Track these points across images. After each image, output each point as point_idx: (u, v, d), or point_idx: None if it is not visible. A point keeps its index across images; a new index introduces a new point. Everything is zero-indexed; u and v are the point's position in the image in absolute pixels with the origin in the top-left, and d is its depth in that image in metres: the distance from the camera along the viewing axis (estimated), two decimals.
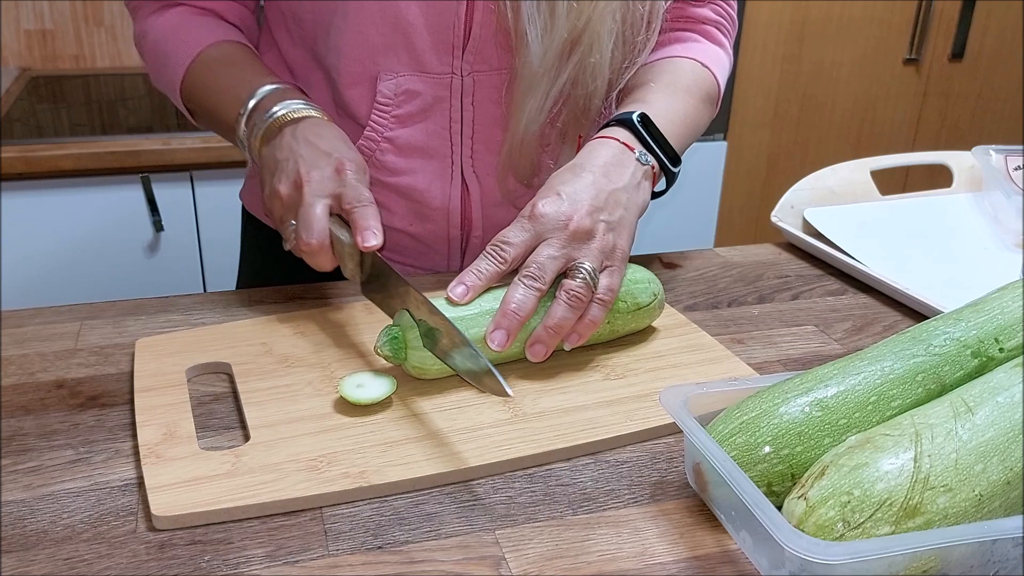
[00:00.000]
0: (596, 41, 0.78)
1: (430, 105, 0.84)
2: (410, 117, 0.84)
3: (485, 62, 0.82)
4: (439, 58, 0.81)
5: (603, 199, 0.70)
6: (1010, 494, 0.49)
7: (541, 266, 0.66)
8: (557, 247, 0.67)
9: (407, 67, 0.82)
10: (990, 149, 1.05)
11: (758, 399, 0.55)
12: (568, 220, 0.68)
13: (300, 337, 0.72)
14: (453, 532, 0.53)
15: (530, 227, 0.68)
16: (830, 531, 0.46)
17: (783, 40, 2.18)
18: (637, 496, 0.57)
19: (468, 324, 0.65)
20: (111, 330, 0.75)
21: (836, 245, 0.92)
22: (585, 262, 0.67)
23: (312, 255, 0.70)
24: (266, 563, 0.50)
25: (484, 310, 0.66)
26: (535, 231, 0.68)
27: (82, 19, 1.95)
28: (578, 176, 0.71)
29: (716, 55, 0.90)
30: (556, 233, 0.68)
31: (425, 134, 0.85)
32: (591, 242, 0.68)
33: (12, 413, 0.63)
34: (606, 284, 0.69)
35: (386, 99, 0.83)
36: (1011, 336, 0.58)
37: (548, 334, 0.66)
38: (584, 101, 0.82)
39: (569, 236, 0.68)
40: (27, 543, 0.51)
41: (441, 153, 0.86)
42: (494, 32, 0.81)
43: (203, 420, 0.63)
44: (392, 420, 0.62)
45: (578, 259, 0.68)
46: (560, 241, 0.67)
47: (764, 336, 0.78)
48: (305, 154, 0.73)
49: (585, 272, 0.67)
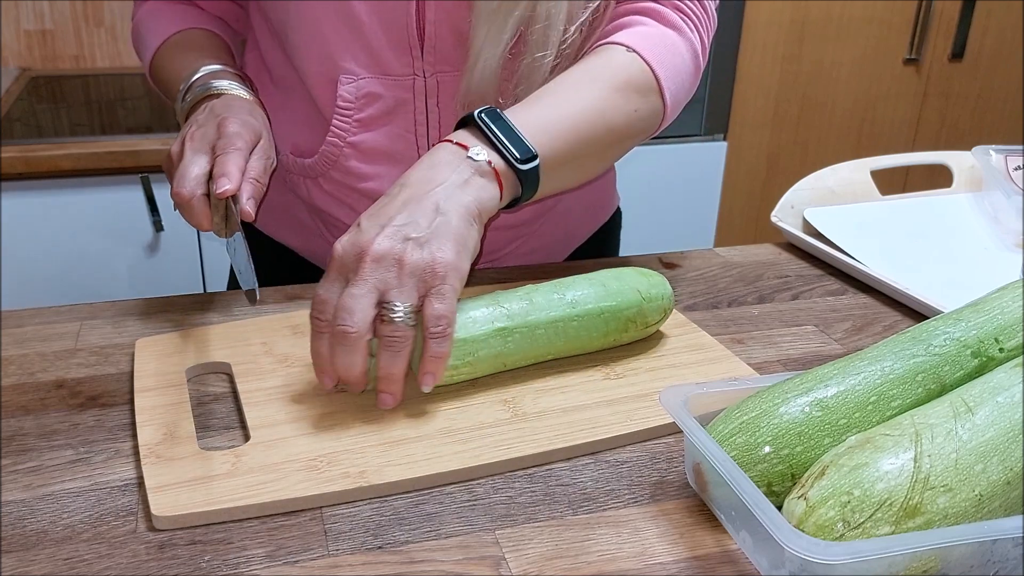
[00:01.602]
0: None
1: (392, 108, 0.82)
2: (373, 121, 0.83)
3: (447, 62, 0.81)
4: (398, 59, 0.80)
5: (408, 213, 0.62)
6: (1010, 494, 0.49)
7: (347, 310, 0.59)
8: (358, 284, 0.59)
9: (366, 69, 0.81)
10: (990, 149, 1.05)
11: (758, 399, 0.55)
12: (365, 248, 0.60)
13: (300, 337, 0.72)
14: (453, 532, 0.53)
15: (334, 274, 0.61)
16: (830, 531, 0.46)
17: (783, 40, 2.18)
18: (637, 496, 0.57)
19: (479, 346, 0.64)
20: (111, 330, 0.75)
21: (836, 245, 0.92)
22: (395, 300, 0.59)
23: (184, 208, 0.71)
24: (266, 563, 0.50)
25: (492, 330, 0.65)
26: (342, 275, 0.61)
27: (82, 19, 1.95)
28: (388, 197, 0.64)
29: (659, 39, 0.79)
30: (356, 264, 0.60)
31: (389, 138, 0.83)
32: (401, 268, 0.60)
33: (12, 413, 0.63)
34: (434, 313, 0.60)
35: (347, 103, 0.82)
36: (1011, 336, 0.58)
37: (384, 385, 0.61)
38: (541, 39, 0.76)
39: (369, 266, 0.59)
40: (27, 543, 0.51)
41: (407, 157, 0.84)
42: (453, 31, 0.79)
43: (203, 420, 0.63)
44: (392, 420, 0.62)
45: (387, 298, 0.60)
46: (360, 277, 0.59)
47: (764, 336, 0.78)
48: (201, 119, 0.75)
49: (396, 311, 0.59)
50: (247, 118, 0.75)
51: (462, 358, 0.64)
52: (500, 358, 0.66)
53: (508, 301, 0.66)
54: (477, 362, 0.65)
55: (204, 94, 0.79)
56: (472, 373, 0.65)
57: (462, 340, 0.63)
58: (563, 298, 0.68)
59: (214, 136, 0.73)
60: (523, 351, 0.66)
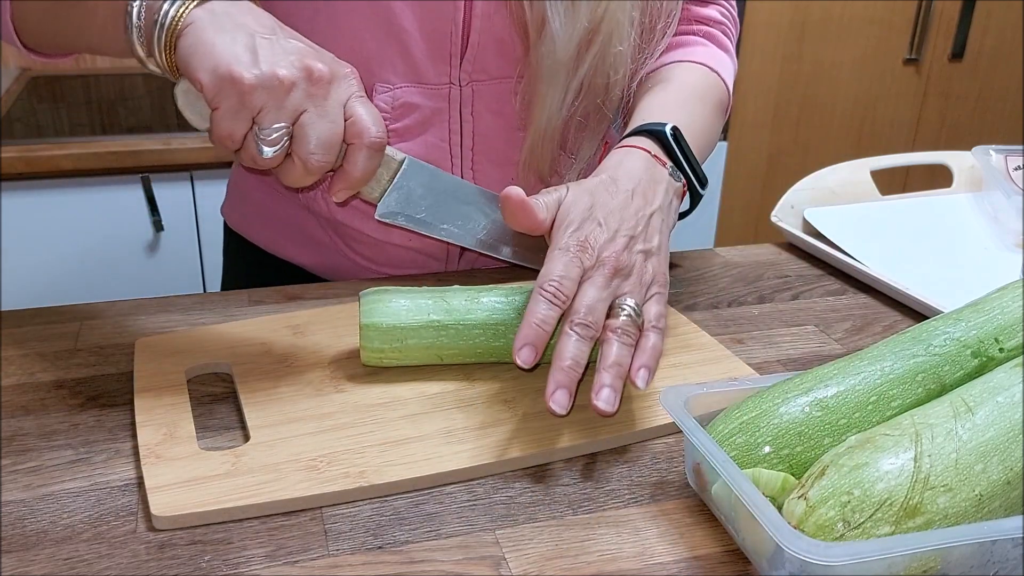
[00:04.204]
0: (616, 29, 0.75)
1: (428, 118, 0.81)
2: (408, 131, 0.82)
3: (484, 71, 0.80)
4: (435, 67, 0.79)
5: (641, 226, 0.67)
6: (1010, 494, 0.49)
7: (591, 310, 0.61)
8: (601, 286, 0.62)
9: (403, 78, 0.79)
10: (990, 149, 1.05)
11: (758, 399, 0.55)
12: (610, 256, 0.63)
13: (300, 337, 0.72)
14: (453, 532, 0.53)
15: (578, 261, 0.62)
16: (830, 531, 0.46)
17: (783, 40, 2.18)
18: (637, 496, 0.57)
19: (408, 335, 0.65)
20: (111, 330, 0.75)
21: (836, 245, 0.92)
22: (628, 299, 0.63)
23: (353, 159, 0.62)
24: (266, 563, 0.50)
25: (426, 322, 0.66)
26: (583, 265, 0.63)
27: None
28: (613, 196, 0.67)
29: (723, 60, 0.87)
30: (599, 270, 0.63)
31: (425, 147, 0.82)
32: (631, 276, 0.64)
33: (12, 413, 0.63)
34: (655, 312, 0.65)
35: (383, 113, 0.80)
36: (1011, 336, 0.58)
37: (612, 375, 0.59)
38: (604, 92, 0.80)
39: (611, 273, 0.63)
40: (27, 543, 0.51)
41: (441, 166, 0.83)
42: (495, 39, 0.79)
43: (203, 420, 0.63)
44: (392, 420, 0.62)
45: (621, 297, 0.63)
46: (603, 280, 0.63)
47: (764, 336, 0.78)
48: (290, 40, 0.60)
49: (629, 309, 0.62)
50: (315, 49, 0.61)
51: (390, 343, 0.65)
52: (434, 350, 0.66)
53: (455, 297, 0.67)
54: (406, 350, 0.66)
55: (186, 7, 0.59)
56: (401, 360, 0.66)
57: (394, 326, 0.65)
58: (511, 302, 0.67)
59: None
60: (459, 347, 0.67)
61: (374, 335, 0.65)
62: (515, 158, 0.85)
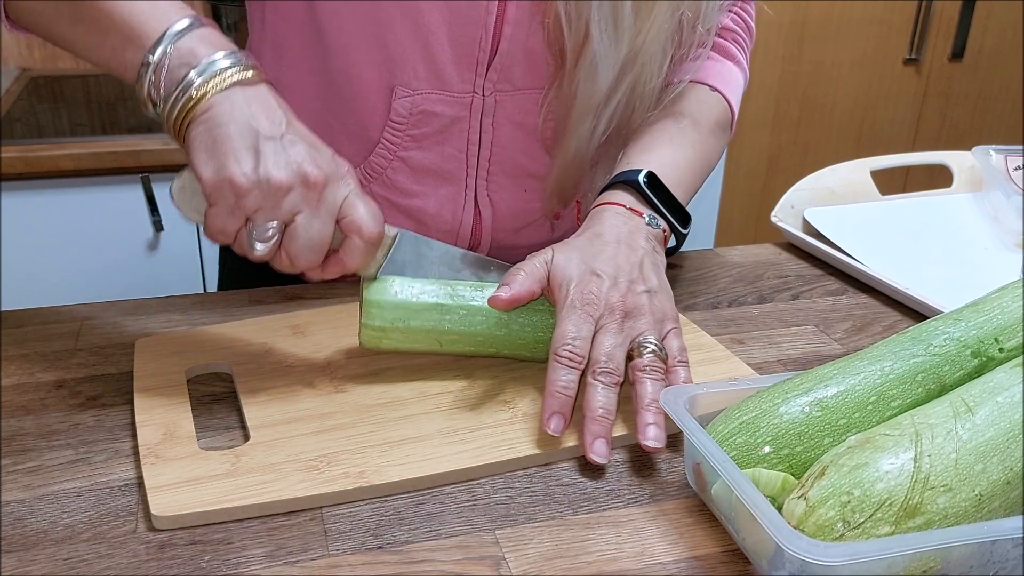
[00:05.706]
0: (649, 62, 0.75)
1: (447, 126, 0.80)
2: (426, 138, 0.80)
3: (509, 81, 0.78)
4: (460, 74, 0.77)
5: (636, 271, 0.67)
6: (1010, 494, 0.49)
7: (611, 357, 0.62)
8: (615, 332, 0.63)
9: (425, 83, 0.77)
10: (990, 149, 1.05)
11: (758, 399, 0.55)
12: (617, 301, 0.64)
13: (300, 337, 0.72)
14: (453, 532, 0.53)
15: (587, 315, 0.63)
16: (830, 531, 0.46)
17: (783, 40, 2.18)
18: (637, 496, 0.57)
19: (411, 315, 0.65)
20: (111, 330, 0.75)
21: (836, 245, 0.92)
22: (648, 336, 0.64)
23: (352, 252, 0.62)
24: (266, 563, 0.50)
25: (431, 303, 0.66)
26: (593, 317, 0.63)
27: None
28: (602, 249, 0.68)
29: (730, 75, 0.86)
30: (610, 316, 0.64)
31: (441, 156, 0.81)
32: (644, 315, 0.65)
33: (12, 413, 0.63)
34: (677, 346, 0.65)
35: (401, 118, 0.79)
36: (1011, 336, 0.58)
37: (653, 412, 0.60)
38: (628, 119, 0.80)
39: (622, 316, 0.64)
40: (27, 543, 0.51)
41: (456, 176, 0.82)
42: (524, 49, 0.77)
43: (203, 420, 0.63)
44: (392, 420, 0.62)
45: (639, 336, 0.64)
46: (616, 325, 0.63)
47: (764, 336, 0.78)
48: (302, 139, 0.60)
49: (652, 345, 0.63)
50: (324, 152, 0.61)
51: (392, 322, 0.65)
52: (435, 335, 0.66)
53: (461, 286, 0.67)
54: (408, 331, 0.65)
55: (224, 82, 0.58)
56: (403, 341, 0.66)
57: (398, 304, 0.65)
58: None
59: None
60: (459, 333, 0.66)
61: (377, 312, 0.65)
62: (531, 170, 0.84)
